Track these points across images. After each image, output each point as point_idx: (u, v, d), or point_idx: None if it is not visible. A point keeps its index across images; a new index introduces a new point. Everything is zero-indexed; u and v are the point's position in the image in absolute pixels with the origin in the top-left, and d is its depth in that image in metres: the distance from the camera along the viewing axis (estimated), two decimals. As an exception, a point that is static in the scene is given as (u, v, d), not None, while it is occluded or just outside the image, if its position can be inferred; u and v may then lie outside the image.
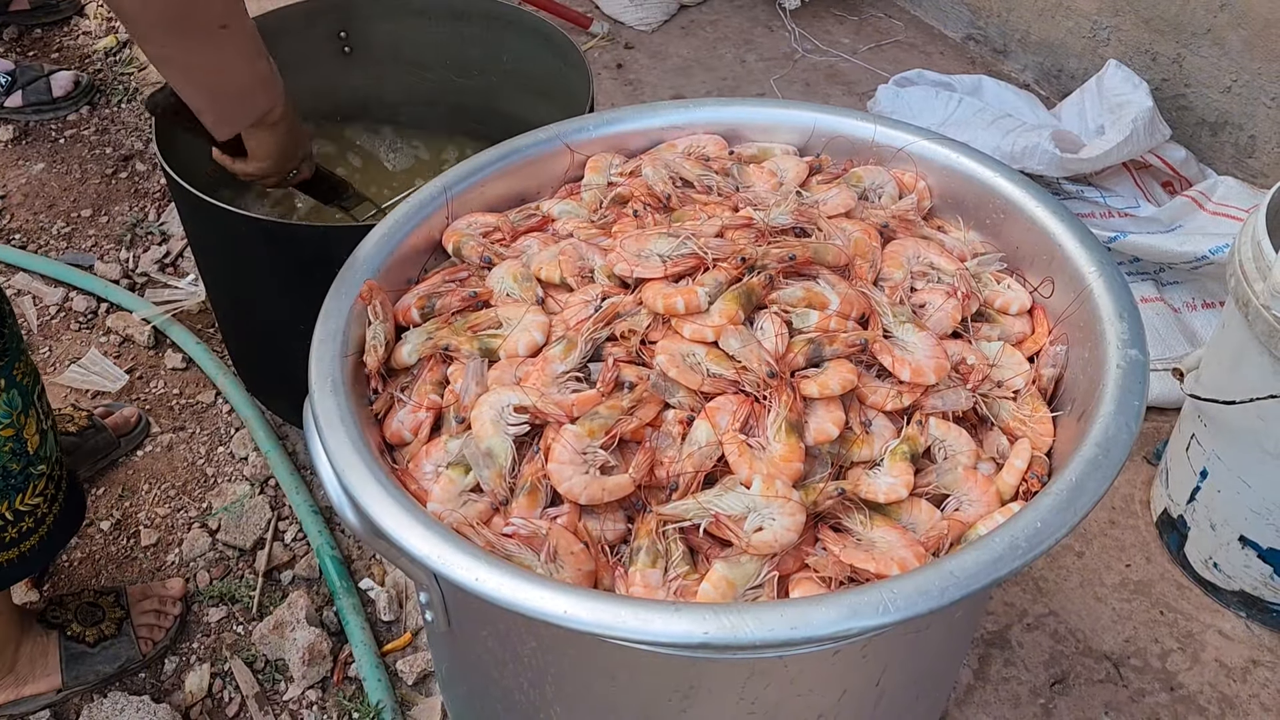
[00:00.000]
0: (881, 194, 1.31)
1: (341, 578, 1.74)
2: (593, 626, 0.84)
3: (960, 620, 1.21)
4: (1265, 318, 1.39)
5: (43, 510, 1.47)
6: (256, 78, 1.34)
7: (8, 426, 1.37)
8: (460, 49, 2.05)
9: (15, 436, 1.39)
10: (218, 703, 1.65)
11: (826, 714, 1.07)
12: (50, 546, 1.51)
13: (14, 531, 1.44)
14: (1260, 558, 1.61)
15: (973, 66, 2.90)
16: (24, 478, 1.42)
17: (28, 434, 1.40)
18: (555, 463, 1.00)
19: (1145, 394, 1.00)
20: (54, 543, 1.52)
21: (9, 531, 1.43)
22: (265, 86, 1.36)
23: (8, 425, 1.37)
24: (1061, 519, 0.90)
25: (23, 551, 1.47)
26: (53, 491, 1.49)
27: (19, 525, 1.44)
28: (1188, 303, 2.08)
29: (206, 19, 1.23)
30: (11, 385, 1.37)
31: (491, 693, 1.23)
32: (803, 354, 1.07)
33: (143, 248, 2.46)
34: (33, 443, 1.42)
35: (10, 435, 1.38)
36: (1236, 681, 1.62)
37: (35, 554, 1.49)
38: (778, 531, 0.95)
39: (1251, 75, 2.24)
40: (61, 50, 3.14)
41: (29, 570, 1.52)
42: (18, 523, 1.44)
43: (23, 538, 1.46)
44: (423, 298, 1.18)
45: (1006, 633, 1.66)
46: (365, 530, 1.01)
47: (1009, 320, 1.19)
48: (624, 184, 1.31)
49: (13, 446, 1.39)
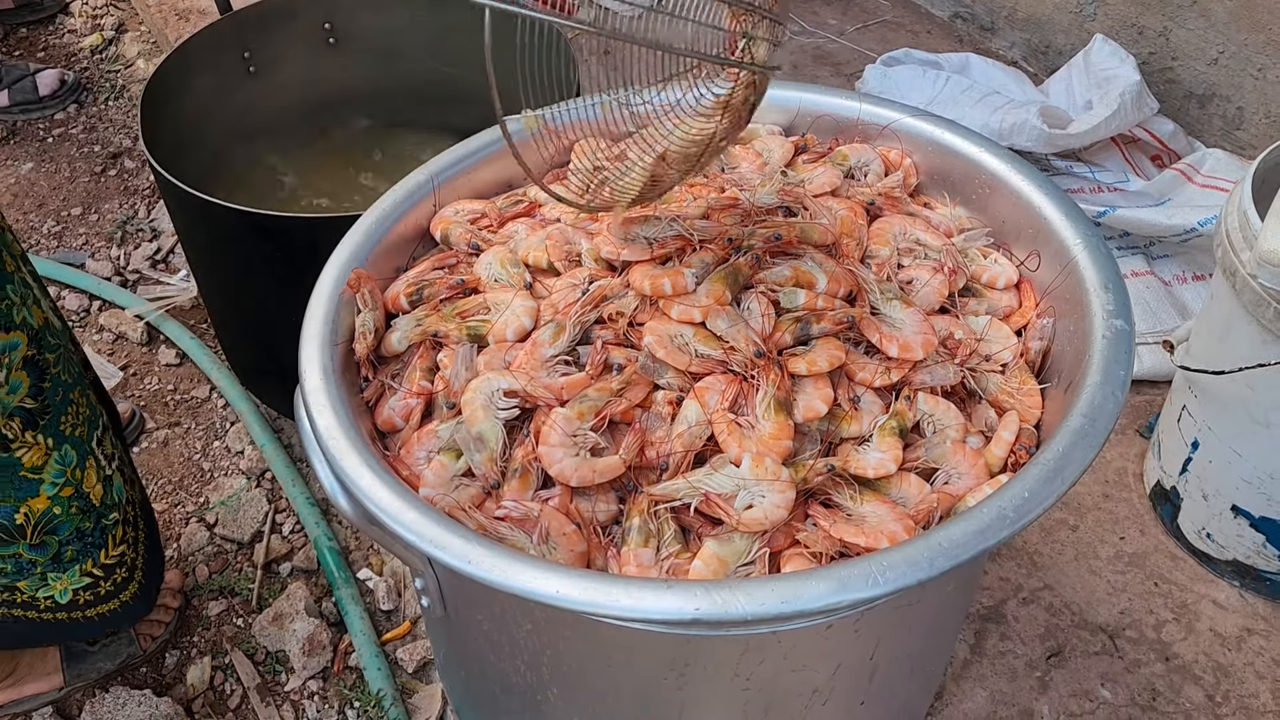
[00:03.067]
0: (867, 172, 1.32)
1: (340, 568, 1.75)
2: (585, 605, 0.85)
3: (953, 594, 1.22)
4: (1252, 287, 1.40)
5: (130, 556, 1.41)
6: None
7: (66, 485, 1.28)
8: (446, 38, 2.04)
9: (77, 494, 1.30)
10: (220, 695, 1.66)
11: (821, 689, 1.08)
12: (149, 587, 1.47)
13: (109, 585, 1.39)
14: (1253, 526, 1.62)
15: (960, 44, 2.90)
16: (100, 533, 1.35)
17: (88, 487, 1.32)
18: (546, 445, 1.01)
19: (1131, 364, 1.01)
20: (151, 581, 1.47)
21: (103, 585, 1.39)
22: None
23: (65, 484, 1.28)
24: (1049, 489, 0.90)
25: (124, 601, 1.43)
26: (134, 535, 1.42)
27: (112, 578, 1.39)
28: (1178, 275, 2.08)
29: None
30: (62, 441, 1.27)
31: (489, 676, 1.24)
32: (790, 332, 1.07)
33: (134, 244, 2.46)
34: (95, 494, 1.33)
35: (71, 494, 1.29)
36: (1231, 650, 1.63)
37: (138, 600, 1.46)
38: (768, 509, 0.95)
39: (1238, 46, 2.24)
40: (47, 49, 3.13)
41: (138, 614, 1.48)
42: (110, 576, 1.38)
43: (120, 588, 1.41)
44: (411, 285, 1.19)
45: (1002, 607, 1.67)
46: (359, 517, 1.01)
47: (996, 294, 1.19)
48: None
49: (78, 505, 1.31)
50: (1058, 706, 1.56)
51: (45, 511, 1.28)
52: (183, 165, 1.61)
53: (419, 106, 2.11)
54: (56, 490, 1.28)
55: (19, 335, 1.22)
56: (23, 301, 1.24)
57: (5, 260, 1.22)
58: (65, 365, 1.30)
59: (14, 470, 1.24)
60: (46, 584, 1.35)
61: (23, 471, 1.25)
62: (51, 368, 1.27)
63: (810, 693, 1.08)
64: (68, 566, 1.34)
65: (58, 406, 1.27)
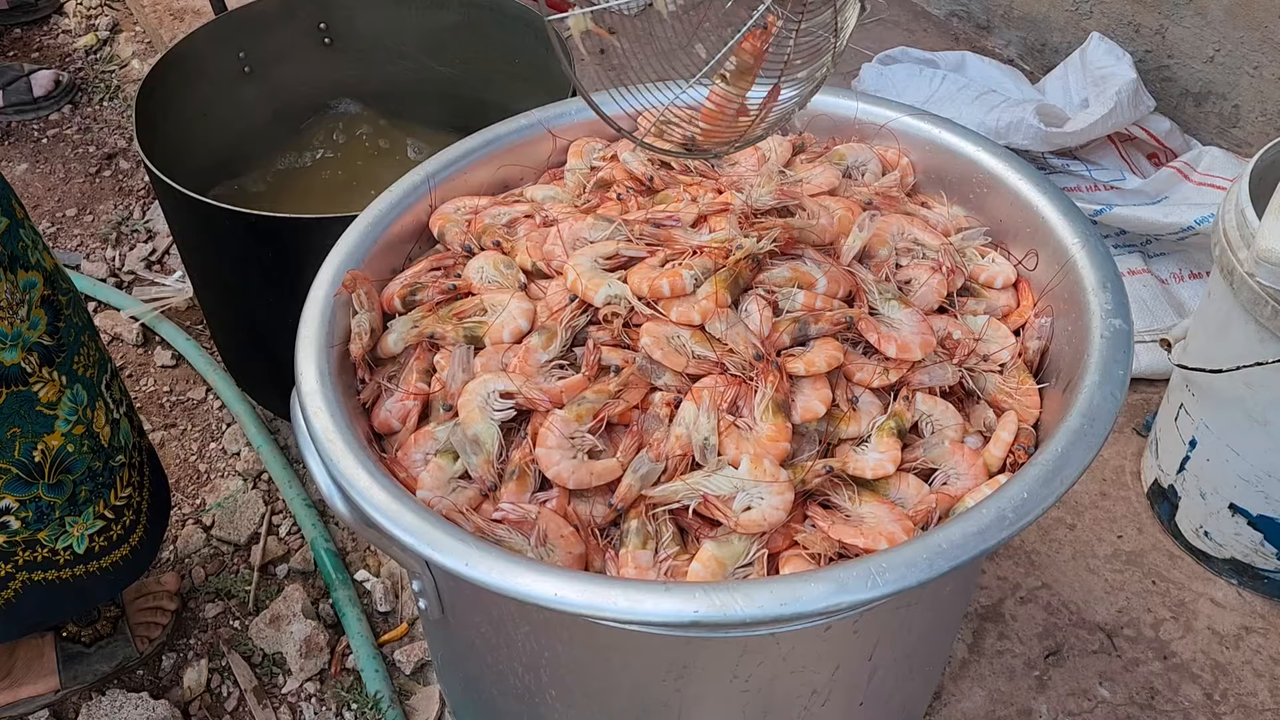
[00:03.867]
0: (865, 171, 1.31)
1: (337, 570, 1.74)
2: (583, 608, 0.84)
3: (951, 594, 1.22)
4: (1250, 285, 1.40)
5: (136, 499, 1.46)
6: None
7: (78, 423, 1.34)
8: (441, 37, 2.04)
9: (88, 433, 1.36)
10: (217, 697, 1.65)
11: (820, 690, 1.08)
12: (155, 534, 1.51)
13: (119, 528, 1.43)
14: (1250, 525, 1.62)
15: (956, 43, 2.89)
16: (109, 473, 1.41)
17: (97, 427, 1.38)
18: (543, 448, 1.00)
19: (1130, 363, 1.00)
20: (157, 529, 1.51)
21: (114, 529, 1.43)
22: None
23: (78, 422, 1.34)
24: (1048, 489, 0.90)
25: (134, 545, 1.47)
26: (138, 479, 1.48)
27: (121, 521, 1.44)
28: (1175, 274, 2.08)
29: None
30: (74, 380, 1.33)
31: (487, 678, 1.23)
32: (789, 333, 1.07)
33: (128, 246, 2.45)
34: (104, 435, 1.39)
35: (82, 432, 1.35)
36: (1229, 649, 1.63)
37: (145, 546, 1.49)
38: (766, 511, 0.95)
39: (1234, 44, 2.24)
40: (41, 49, 3.12)
41: (145, 563, 1.51)
42: (120, 519, 1.43)
43: (129, 532, 1.45)
44: (406, 287, 1.18)
45: (1000, 606, 1.67)
46: (356, 519, 1.01)
47: (994, 294, 1.19)
48: (606, 168, 1.30)
49: (89, 444, 1.36)
50: (1056, 706, 1.56)
51: (60, 449, 1.33)
52: (178, 166, 1.60)
53: (415, 106, 2.10)
54: (70, 427, 1.34)
55: (36, 274, 1.29)
56: (34, 245, 1.31)
57: (15, 207, 1.29)
58: (76, 309, 1.37)
59: (31, 404, 1.29)
60: (65, 531, 1.39)
61: (39, 406, 1.30)
62: (64, 309, 1.34)
63: (809, 694, 1.08)
64: (82, 508, 1.39)
65: (71, 346, 1.33)
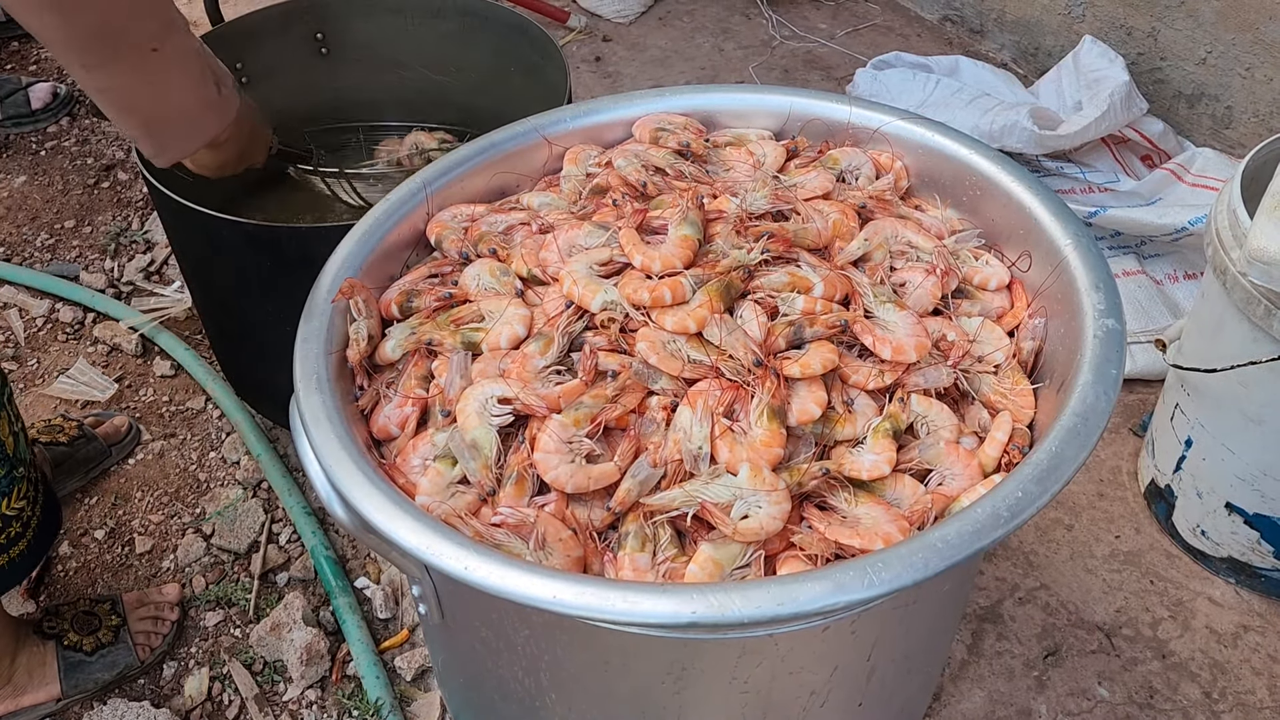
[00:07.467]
0: (859, 175, 1.32)
1: (337, 577, 1.75)
2: (581, 610, 0.85)
3: (949, 594, 1.22)
4: (1243, 285, 1.41)
5: (28, 513, 1.47)
6: (201, 103, 1.23)
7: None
8: (437, 46, 2.05)
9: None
10: (218, 706, 1.65)
11: (819, 691, 1.08)
12: (37, 550, 1.52)
13: (2, 537, 1.44)
14: (1247, 523, 1.62)
15: (950, 47, 2.91)
16: (9, 481, 1.43)
17: (2, 435, 1.40)
18: (541, 452, 1.01)
19: (1122, 363, 1.01)
20: (40, 546, 1.53)
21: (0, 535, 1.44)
22: (212, 111, 1.26)
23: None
24: (1042, 488, 0.90)
25: (12, 557, 1.47)
26: (34, 494, 1.49)
27: (7, 531, 1.44)
28: (1169, 275, 2.09)
29: (134, 41, 1.14)
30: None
31: (488, 683, 1.24)
32: (784, 336, 1.08)
33: (127, 256, 2.46)
34: (9, 445, 1.42)
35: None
36: (1227, 647, 1.63)
37: (25, 559, 1.50)
38: (763, 519, 0.96)
39: (1226, 46, 2.25)
40: (39, 62, 3.13)
41: (19, 576, 1.52)
42: (6, 528, 1.44)
43: (12, 543, 1.46)
44: (403, 293, 1.19)
45: (998, 607, 1.68)
46: (355, 525, 1.01)
47: (988, 296, 1.20)
48: (602, 174, 1.31)
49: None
50: (1055, 706, 1.56)
51: None
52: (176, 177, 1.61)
53: (412, 115, 2.11)
54: None
55: None
56: None
57: None
58: None
59: None
60: None
61: None
62: None
63: (808, 695, 1.09)
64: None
65: None
